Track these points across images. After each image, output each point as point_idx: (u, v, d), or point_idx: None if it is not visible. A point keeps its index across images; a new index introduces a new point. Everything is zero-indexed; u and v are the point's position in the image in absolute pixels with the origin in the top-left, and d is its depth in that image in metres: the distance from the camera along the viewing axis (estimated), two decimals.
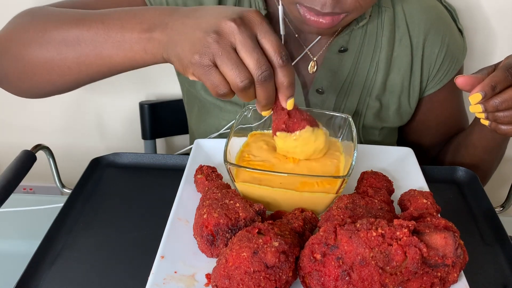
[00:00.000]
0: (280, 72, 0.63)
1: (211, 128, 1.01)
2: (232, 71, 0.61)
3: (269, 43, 0.63)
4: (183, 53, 0.64)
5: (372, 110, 0.99)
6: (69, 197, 0.79)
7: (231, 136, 0.73)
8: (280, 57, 0.63)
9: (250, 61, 0.61)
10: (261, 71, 0.62)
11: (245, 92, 0.63)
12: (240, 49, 0.62)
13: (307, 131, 0.70)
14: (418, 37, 0.98)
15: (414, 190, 0.71)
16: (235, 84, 0.62)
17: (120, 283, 0.64)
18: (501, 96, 0.67)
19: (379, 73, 0.98)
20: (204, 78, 0.63)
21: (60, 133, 1.46)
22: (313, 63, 0.97)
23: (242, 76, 0.61)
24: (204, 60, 0.62)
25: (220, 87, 0.63)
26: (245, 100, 0.65)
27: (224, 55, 0.61)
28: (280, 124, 0.69)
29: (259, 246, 0.55)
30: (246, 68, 0.62)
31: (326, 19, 0.81)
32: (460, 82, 0.70)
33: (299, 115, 0.70)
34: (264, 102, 0.65)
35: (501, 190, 1.13)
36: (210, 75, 0.63)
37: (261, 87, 0.63)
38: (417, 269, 0.54)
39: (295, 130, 0.70)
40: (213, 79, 0.63)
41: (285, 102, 0.66)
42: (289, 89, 0.65)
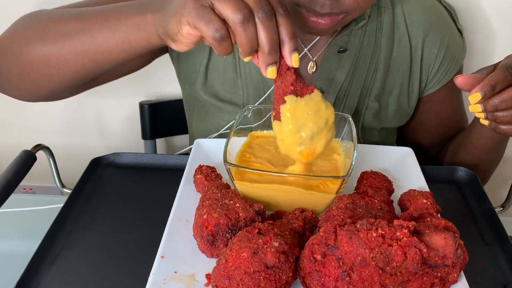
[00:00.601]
0: (281, 20, 0.59)
1: (211, 129, 1.01)
2: (229, 5, 0.57)
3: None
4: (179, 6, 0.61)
5: (372, 110, 0.99)
6: (69, 197, 0.79)
7: (231, 136, 0.73)
8: (280, 6, 0.59)
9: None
10: (261, 5, 0.58)
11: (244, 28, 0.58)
12: None
13: (317, 95, 0.64)
14: (417, 37, 0.98)
15: (414, 190, 0.71)
16: (233, 18, 0.57)
17: (120, 283, 0.64)
18: (501, 96, 0.67)
19: (378, 73, 0.98)
20: (199, 20, 0.59)
21: (60, 133, 1.46)
22: (312, 64, 0.97)
23: (241, 8, 0.57)
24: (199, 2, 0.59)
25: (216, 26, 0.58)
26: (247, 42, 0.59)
27: None
28: (288, 86, 0.63)
29: (259, 246, 0.55)
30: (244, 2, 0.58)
31: (325, 19, 0.81)
32: (460, 81, 0.69)
33: (304, 81, 0.64)
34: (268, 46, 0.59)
35: (501, 190, 1.13)
36: (205, 15, 0.59)
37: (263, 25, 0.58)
38: (417, 270, 0.54)
39: (304, 94, 0.63)
40: (209, 17, 0.59)
41: (290, 56, 0.60)
42: (292, 41, 0.60)
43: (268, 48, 0.59)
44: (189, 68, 1.00)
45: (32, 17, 0.84)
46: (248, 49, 0.60)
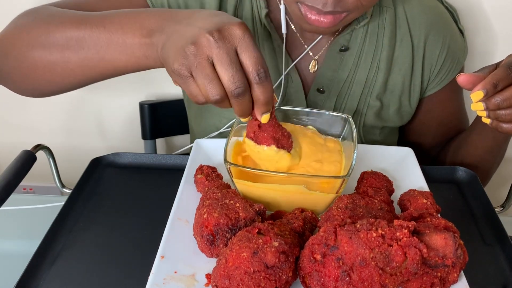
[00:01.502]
0: (257, 88, 0.63)
1: (211, 126, 1.01)
2: (205, 86, 0.62)
3: (247, 58, 0.63)
4: (168, 59, 0.65)
5: (373, 109, 0.99)
6: (69, 197, 0.79)
7: (231, 136, 0.73)
8: (257, 74, 0.62)
9: (224, 76, 0.62)
10: (234, 87, 0.62)
11: (220, 104, 0.64)
12: (216, 63, 0.62)
13: (271, 150, 0.70)
14: (419, 37, 0.98)
15: (414, 190, 0.71)
16: (208, 98, 0.63)
17: (120, 283, 0.64)
18: (503, 94, 0.67)
19: (380, 72, 0.98)
20: (183, 86, 0.65)
21: (60, 133, 1.46)
22: (314, 62, 0.97)
23: (214, 92, 0.62)
24: (182, 71, 0.63)
25: (197, 97, 0.64)
26: (224, 108, 0.65)
27: (198, 69, 0.62)
28: (250, 132, 0.70)
29: (259, 246, 0.55)
30: (219, 83, 0.62)
31: (327, 18, 0.81)
32: (461, 80, 0.69)
33: (271, 131, 0.70)
34: (239, 114, 0.66)
35: (501, 190, 1.13)
36: (187, 85, 0.64)
37: (235, 102, 0.64)
38: (417, 270, 0.54)
39: (261, 144, 0.70)
40: (191, 89, 0.64)
41: (260, 117, 0.66)
42: (264, 106, 0.65)
43: (239, 114, 0.66)
44: None
45: (31, 16, 0.83)
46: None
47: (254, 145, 0.71)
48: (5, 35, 0.83)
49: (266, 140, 0.70)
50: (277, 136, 0.70)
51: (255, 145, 0.70)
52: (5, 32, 0.83)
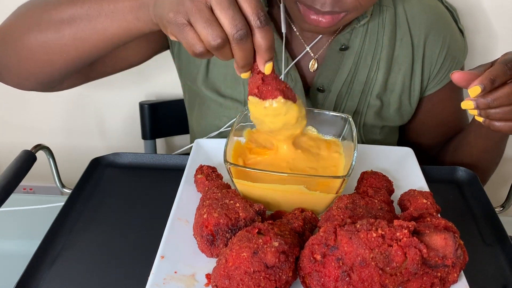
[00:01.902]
0: (258, 33, 0.61)
1: (211, 126, 1.01)
2: (205, 30, 0.60)
3: (247, 2, 0.60)
4: (163, 12, 0.63)
5: (373, 108, 0.99)
6: (69, 197, 0.79)
7: (231, 135, 0.73)
8: (258, 18, 0.60)
9: (225, 19, 0.59)
10: (236, 30, 0.59)
11: (220, 51, 0.61)
12: (215, 7, 0.60)
13: (279, 101, 0.68)
14: (419, 36, 0.98)
15: (414, 190, 0.71)
16: (208, 43, 0.60)
17: (120, 283, 0.64)
18: (493, 94, 0.67)
19: (380, 71, 0.98)
20: (180, 36, 0.62)
21: (60, 133, 1.46)
22: (314, 62, 0.97)
23: (215, 35, 0.59)
24: (178, 18, 0.61)
25: (195, 45, 0.61)
26: (223, 59, 0.63)
27: (197, 13, 0.60)
28: (253, 88, 0.67)
29: (259, 246, 0.55)
30: (220, 27, 0.60)
31: (325, 17, 0.81)
32: (456, 77, 0.69)
33: (275, 83, 0.67)
34: (241, 63, 0.63)
35: (501, 190, 1.13)
36: (184, 33, 0.61)
37: (237, 47, 0.61)
38: (417, 270, 0.54)
39: (267, 98, 0.68)
40: (188, 38, 0.61)
41: (263, 65, 0.64)
42: (267, 52, 0.62)
43: (242, 63, 0.63)
44: (190, 64, 1.00)
45: (29, 5, 0.84)
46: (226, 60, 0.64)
47: (259, 101, 0.68)
48: (3, 26, 0.84)
49: (272, 93, 0.68)
50: (282, 88, 0.68)
51: (260, 102, 0.68)
52: (4, 24, 0.84)
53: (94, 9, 0.74)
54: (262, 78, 0.66)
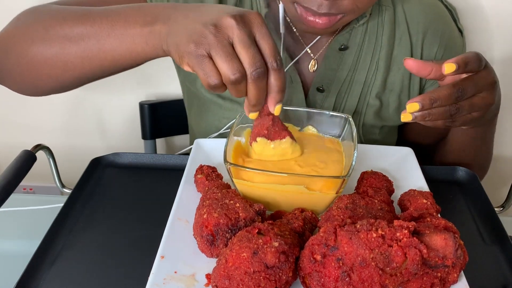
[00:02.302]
0: (273, 75, 0.63)
1: (211, 127, 1.01)
2: (225, 63, 0.61)
3: (266, 45, 0.63)
4: (181, 42, 0.64)
5: (372, 108, 0.99)
6: (69, 197, 0.79)
7: (231, 136, 0.73)
8: (275, 60, 0.63)
9: (246, 56, 0.62)
10: (255, 67, 0.62)
11: (236, 86, 0.63)
12: (237, 44, 0.62)
13: (287, 142, 0.71)
14: (417, 35, 0.98)
15: (414, 190, 0.71)
16: (227, 76, 0.62)
17: (120, 283, 0.64)
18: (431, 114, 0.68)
19: (379, 71, 0.98)
20: (197, 67, 0.63)
21: (60, 133, 1.46)
22: (314, 62, 0.97)
23: (235, 69, 0.61)
24: (199, 50, 0.62)
25: (212, 77, 0.63)
26: (236, 95, 0.64)
27: (219, 47, 0.61)
28: (263, 129, 0.70)
29: (259, 246, 0.55)
30: (239, 62, 0.62)
31: (322, 19, 0.81)
32: (410, 65, 0.70)
33: (281, 125, 0.71)
34: (254, 101, 0.65)
35: (501, 190, 1.13)
36: (203, 65, 0.63)
37: (253, 84, 0.63)
38: (417, 270, 0.54)
39: (275, 139, 0.70)
40: (206, 69, 0.63)
41: (273, 106, 0.66)
42: (279, 94, 0.65)
43: (254, 102, 0.65)
44: None
45: (33, 14, 0.83)
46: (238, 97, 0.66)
47: (266, 142, 0.70)
48: (6, 32, 0.83)
49: (280, 134, 0.70)
50: (286, 128, 0.71)
51: (268, 142, 0.70)
52: (6, 30, 0.84)
53: (104, 30, 0.74)
54: (272, 119, 0.69)
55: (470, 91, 0.70)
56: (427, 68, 0.71)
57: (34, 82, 0.83)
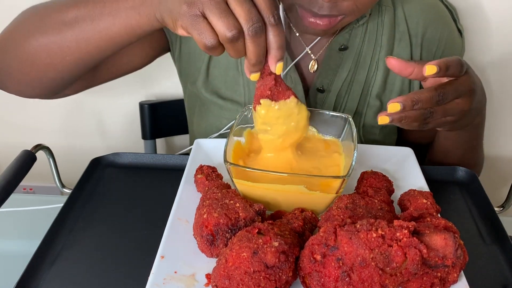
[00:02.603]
0: (272, 31, 0.61)
1: (212, 127, 1.01)
2: (220, 20, 0.59)
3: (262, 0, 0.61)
4: (173, 5, 0.63)
5: (373, 108, 0.99)
6: (69, 197, 0.79)
7: (231, 136, 0.73)
8: (272, 15, 0.60)
9: (241, 11, 0.59)
10: (252, 23, 0.59)
11: (233, 44, 0.60)
12: (231, 0, 0.60)
13: (292, 101, 0.68)
14: (417, 36, 0.98)
15: (414, 190, 0.71)
16: (223, 34, 0.60)
17: (120, 283, 0.64)
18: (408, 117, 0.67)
19: (379, 71, 0.98)
20: (192, 28, 0.61)
21: (60, 133, 1.46)
22: (314, 62, 0.97)
23: (231, 26, 0.59)
24: (192, 10, 0.60)
25: (208, 37, 0.60)
26: (235, 55, 0.62)
27: (212, 4, 0.59)
28: (266, 90, 0.66)
29: (259, 246, 0.55)
30: (235, 18, 0.60)
31: (323, 20, 0.81)
32: (392, 64, 0.70)
33: (284, 84, 0.68)
34: (254, 59, 0.62)
35: (501, 190, 1.13)
36: (197, 25, 0.61)
37: (251, 41, 0.60)
38: (417, 270, 0.54)
39: (279, 99, 0.67)
40: (201, 29, 0.60)
41: (274, 64, 0.63)
42: (279, 51, 0.62)
43: (254, 60, 0.62)
44: (191, 66, 1.00)
45: (30, 10, 0.84)
46: (236, 57, 0.63)
47: (271, 103, 0.68)
48: (4, 33, 0.84)
49: (284, 93, 0.67)
50: (289, 87, 0.68)
51: (272, 103, 0.68)
52: (4, 31, 0.84)
53: (97, 9, 0.74)
54: (275, 78, 0.66)
55: (450, 96, 0.69)
56: (408, 68, 0.70)
57: (33, 75, 0.83)
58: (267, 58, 0.63)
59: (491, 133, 1.33)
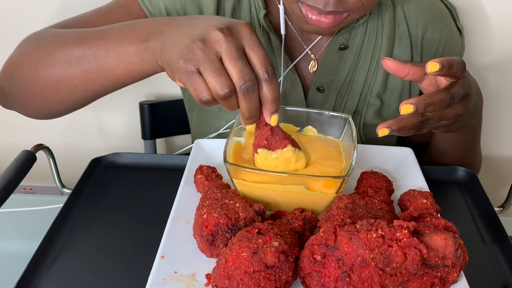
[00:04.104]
0: (265, 86, 0.63)
1: (211, 128, 1.01)
2: (213, 79, 0.61)
3: (256, 56, 0.63)
4: (171, 58, 0.65)
5: (373, 108, 0.99)
6: (69, 197, 0.79)
7: (231, 136, 0.73)
8: (266, 71, 0.62)
9: (234, 70, 0.61)
10: (243, 81, 0.61)
11: (226, 101, 0.63)
12: (225, 58, 0.62)
13: (289, 150, 0.69)
14: (417, 35, 0.98)
15: (414, 190, 0.71)
16: (216, 92, 0.62)
17: (120, 283, 0.64)
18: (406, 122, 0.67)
19: (379, 71, 0.98)
20: (188, 83, 0.64)
21: (60, 133, 1.46)
22: (314, 63, 0.97)
23: (223, 84, 0.61)
24: (188, 66, 0.62)
25: (202, 93, 0.63)
26: (229, 109, 0.64)
27: (207, 63, 0.61)
28: (262, 140, 0.69)
29: (259, 246, 0.55)
30: (228, 77, 0.62)
31: (328, 18, 0.81)
32: (388, 65, 0.70)
33: (281, 133, 0.69)
34: (247, 114, 0.65)
35: (501, 190, 1.13)
36: (193, 81, 0.63)
37: (243, 98, 0.63)
38: (417, 270, 0.54)
39: (276, 148, 0.69)
40: (196, 85, 0.63)
41: (269, 117, 0.65)
42: (273, 104, 0.64)
43: (248, 115, 0.65)
44: None
45: (34, 40, 0.85)
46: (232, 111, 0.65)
47: (268, 153, 0.69)
48: (11, 60, 0.86)
49: (281, 143, 0.69)
50: (287, 136, 0.70)
51: (269, 153, 0.69)
52: (11, 58, 0.86)
53: (102, 51, 0.75)
54: (271, 129, 0.67)
55: (457, 99, 0.70)
56: (404, 69, 0.71)
57: (42, 107, 0.85)
58: (261, 110, 0.65)
59: (491, 133, 1.33)
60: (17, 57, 0.86)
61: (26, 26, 0.93)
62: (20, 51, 0.86)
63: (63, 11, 1.20)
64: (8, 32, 1.16)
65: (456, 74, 0.70)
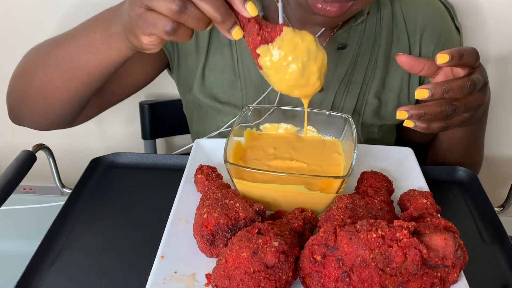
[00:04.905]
0: None
1: (210, 131, 1.01)
2: (162, 2, 0.58)
3: None
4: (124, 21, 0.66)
5: (371, 107, 0.99)
6: (69, 197, 0.79)
7: (231, 136, 0.73)
8: None
9: None
10: None
11: (187, 15, 0.58)
12: None
13: (287, 32, 0.62)
14: (415, 34, 0.98)
15: (414, 190, 0.71)
16: (171, 11, 0.58)
17: (120, 283, 0.64)
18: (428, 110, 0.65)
19: (377, 70, 0.98)
20: (146, 26, 0.61)
21: (60, 133, 1.45)
22: None
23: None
24: (136, 10, 0.62)
25: (163, 23, 0.59)
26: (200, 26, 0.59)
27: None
28: (255, 39, 0.61)
29: (259, 246, 0.55)
30: None
31: (334, 6, 0.81)
32: (401, 60, 0.69)
33: (270, 23, 0.62)
34: (219, 17, 0.59)
35: (501, 190, 1.13)
36: (147, 19, 0.60)
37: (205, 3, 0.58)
38: (417, 270, 0.54)
39: (274, 38, 0.62)
40: (152, 20, 0.60)
41: (243, 7, 0.59)
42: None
43: (219, 17, 0.59)
44: (188, 73, 1.00)
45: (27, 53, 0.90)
46: (204, 27, 0.60)
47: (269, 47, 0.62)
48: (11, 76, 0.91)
49: (275, 30, 0.62)
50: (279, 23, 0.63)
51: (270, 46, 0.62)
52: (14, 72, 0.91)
53: (73, 47, 0.78)
54: (255, 21, 0.61)
55: (478, 86, 0.68)
56: (419, 64, 0.70)
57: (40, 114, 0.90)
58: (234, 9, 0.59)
59: (491, 133, 1.33)
60: (14, 72, 0.90)
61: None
62: (17, 66, 0.90)
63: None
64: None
65: (470, 63, 0.67)
